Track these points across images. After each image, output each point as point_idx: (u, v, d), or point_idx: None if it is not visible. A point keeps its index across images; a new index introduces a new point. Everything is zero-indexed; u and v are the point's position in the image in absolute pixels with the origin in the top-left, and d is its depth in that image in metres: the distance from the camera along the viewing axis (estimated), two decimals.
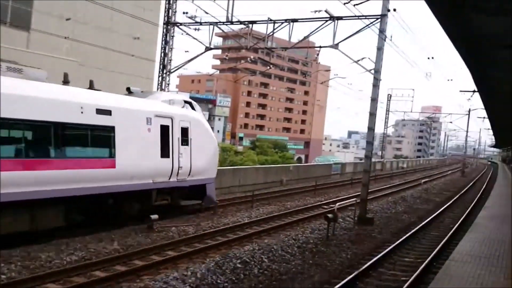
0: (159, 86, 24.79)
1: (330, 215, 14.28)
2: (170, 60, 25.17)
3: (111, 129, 13.19)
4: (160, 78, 24.88)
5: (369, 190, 19.07)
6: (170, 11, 24.51)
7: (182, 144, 15.63)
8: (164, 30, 24.74)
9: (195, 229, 14.44)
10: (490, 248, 9.44)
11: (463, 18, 12.07)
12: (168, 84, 25.32)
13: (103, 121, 12.99)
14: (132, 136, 13.88)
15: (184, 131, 15.78)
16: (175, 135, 15.36)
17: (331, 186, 29.61)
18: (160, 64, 25.01)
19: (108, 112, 13.12)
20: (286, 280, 10.18)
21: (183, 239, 12.95)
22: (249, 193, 21.26)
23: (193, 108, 17.09)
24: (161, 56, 24.95)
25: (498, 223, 12.85)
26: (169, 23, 24.57)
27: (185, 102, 16.92)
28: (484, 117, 59.36)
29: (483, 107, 38.71)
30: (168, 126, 15.13)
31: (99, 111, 12.87)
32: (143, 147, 14.18)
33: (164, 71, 24.84)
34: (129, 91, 15.88)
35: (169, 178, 15.16)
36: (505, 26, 12.54)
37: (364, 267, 10.89)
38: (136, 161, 13.93)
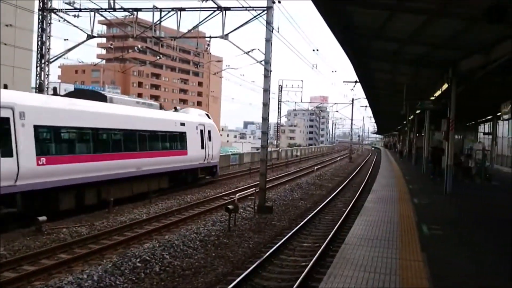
0: (37, 77, 22.91)
1: (230, 206, 14.27)
2: (49, 49, 23.36)
3: (185, 133, 22.77)
4: (38, 68, 23.01)
5: (267, 179, 19.45)
6: None
7: (208, 141, 25.29)
8: (40, 17, 22.88)
9: (88, 229, 13.63)
10: (381, 230, 10.04)
11: (340, 9, 12.72)
12: (48, 75, 23.50)
13: (182, 129, 22.59)
14: (192, 137, 23.47)
15: (209, 132, 25.46)
16: (205, 135, 24.95)
17: (230, 177, 29.80)
18: (37, 54, 23.12)
19: (183, 124, 22.80)
20: (189, 275, 9.96)
21: (76, 241, 12.15)
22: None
23: (209, 117, 26.96)
24: (38, 45, 23.06)
25: (385, 205, 13.77)
26: (45, 9, 22.75)
27: (205, 114, 26.99)
28: (366, 106, 63.88)
29: (364, 96, 41.54)
30: (202, 130, 24.80)
31: (181, 124, 22.61)
32: (195, 143, 23.74)
33: (43, 61, 23.00)
34: (175, 109, 25.13)
35: (204, 161, 24.64)
36: (376, 19, 13.47)
37: (265, 255, 11.04)
38: (194, 151, 23.47)
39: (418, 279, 6.61)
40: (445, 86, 18.35)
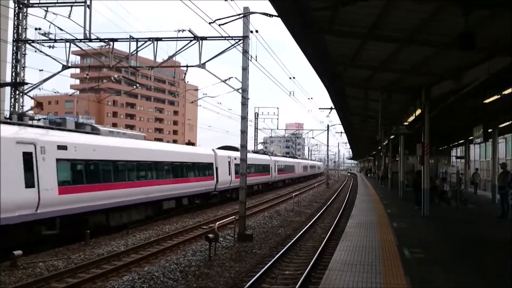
0: (11, 108, 22.53)
1: (210, 235, 14.10)
2: (23, 80, 23.10)
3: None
4: (12, 99, 22.68)
5: (246, 207, 19.33)
6: (20, 27, 22.63)
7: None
8: (14, 48, 22.71)
9: (65, 263, 13.24)
10: (363, 255, 10.05)
11: (316, 38, 13.04)
12: (23, 106, 23.16)
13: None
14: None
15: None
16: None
17: (209, 206, 29.48)
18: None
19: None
20: None
21: (53, 275, 11.78)
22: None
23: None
24: (12, 76, 22.82)
25: (365, 230, 13.83)
26: (20, 40, 22.62)
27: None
28: (341, 132, 64.59)
29: (340, 122, 42.12)
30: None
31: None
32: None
33: (17, 92, 22.71)
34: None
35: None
36: (349, 47, 13.85)
37: (247, 285, 10.90)
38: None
39: None
40: (419, 111, 18.77)
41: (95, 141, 17.76)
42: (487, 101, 15.74)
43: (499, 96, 14.86)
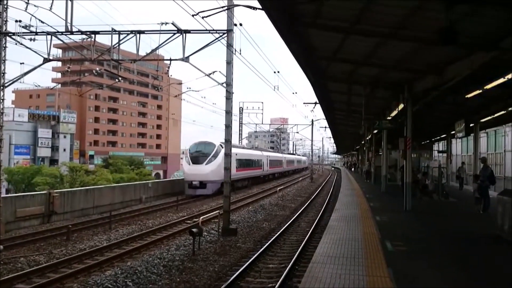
0: None
1: (194, 230, 14.07)
2: (4, 73, 22.65)
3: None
4: None
5: (231, 201, 19.31)
6: (0, 20, 22.17)
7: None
8: None
9: (47, 258, 13.12)
10: (346, 248, 10.11)
11: (300, 32, 13.04)
12: (3, 100, 22.69)
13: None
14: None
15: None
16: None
17: (193, 201, 29.45)
18: None
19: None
20: None
21: (34, 270, 11.66)
22: (105, 214, 20.04)
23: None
24: None
25: (349, 223, 13.92)
26: (0, 33, 22.18)
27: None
28: (325, 127, 64.86)
29: (324, 117, 42.29)
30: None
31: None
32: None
33: None
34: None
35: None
36: (331, 41, 13.89)
37: (231, 279, 10.91)
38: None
39: None
40: (401, 106, 18.90)
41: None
42: (469, 95, 15.93)
43: (480, 91, 15.05)
